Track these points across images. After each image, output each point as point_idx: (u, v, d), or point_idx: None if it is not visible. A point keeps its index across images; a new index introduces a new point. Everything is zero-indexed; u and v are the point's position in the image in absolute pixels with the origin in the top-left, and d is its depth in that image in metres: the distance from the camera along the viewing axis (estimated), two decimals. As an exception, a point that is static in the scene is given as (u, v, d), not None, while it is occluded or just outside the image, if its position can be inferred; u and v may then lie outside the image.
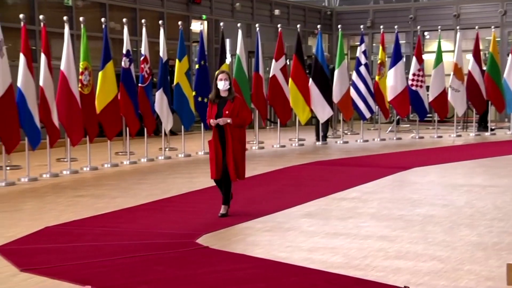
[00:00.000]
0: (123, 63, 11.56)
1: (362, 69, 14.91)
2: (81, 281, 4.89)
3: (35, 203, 8.30)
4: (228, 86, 7.10)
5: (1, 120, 9.36)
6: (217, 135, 7.12)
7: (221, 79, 7.07)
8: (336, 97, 14.47)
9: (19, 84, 9.72)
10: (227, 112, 7.05)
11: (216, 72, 7.24)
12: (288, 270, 5.23)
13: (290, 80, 14.10)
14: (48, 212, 7.65)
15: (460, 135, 16.60)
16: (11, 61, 10.01)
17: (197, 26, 18.77)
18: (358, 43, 15.79)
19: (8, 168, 10.13)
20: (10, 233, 6.49)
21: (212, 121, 7.08)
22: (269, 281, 4.94)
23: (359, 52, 15.08)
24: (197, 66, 13.19)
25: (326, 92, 14.30)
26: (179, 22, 13.38)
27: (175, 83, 12.56)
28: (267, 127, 17.86)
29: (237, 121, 7.10)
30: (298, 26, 15.04)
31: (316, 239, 6.21)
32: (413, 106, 15.75)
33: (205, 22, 19.57)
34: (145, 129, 12.23)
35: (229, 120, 7.04)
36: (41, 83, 10.06)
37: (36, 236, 6.41)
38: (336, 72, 14.50)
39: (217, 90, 7.12)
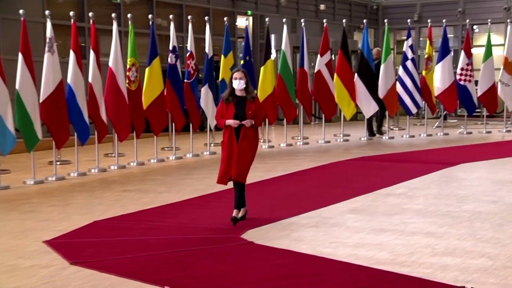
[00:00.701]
0: (169, 59, 11.69)
1: (409, 63, 14.73)
2: (129, 275, 4.98)
3: (84, 197, 8.46)
4: (244, 85, 6.62)
5: (52, 116, 9.57)
6: (233, 136, 6.63)
7: (235, 78, 6.62)
8: (381, 92, 14.33)
9: (69, 80, 9.91)
10: (250, 112, 6.61)
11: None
12: (333, 266, 5.22)
13: (335, 75, 14.02)
14: (97, 206, 7.80)
15: (510, 130, 16.24)
16: (61, 58, 10.22)
17: (242, 21, 18.84)
18: (405, 38, 15.60)
19: (58, 163, 10.36)
20: (60, 227, 6.63)
21: (233, 122, 6.59)
22: (314, 277, 4.93)
23: (405, 47, 14.91)
24: (242, 62, 13.24)
25: (372, 87, 14.19)
26: (225, 18, 13.45)
27: (220, 78, 12.62)
28: (312, 123, 17.80)
29: (256, 122, 6.68)
30: (344, 20, 14.94)
31: (362, 235, 6.17)
32: (462, 101, 15.50)
33: (251, 18, 19.62)
34: (191, 125, 12.34)
35: (253, 122, 6.62)
36: (90, 79, 10.24)
37: (85, 230, 6.54)
38: (382, 67, 14.36)
39: (233, 89, 6.68)
